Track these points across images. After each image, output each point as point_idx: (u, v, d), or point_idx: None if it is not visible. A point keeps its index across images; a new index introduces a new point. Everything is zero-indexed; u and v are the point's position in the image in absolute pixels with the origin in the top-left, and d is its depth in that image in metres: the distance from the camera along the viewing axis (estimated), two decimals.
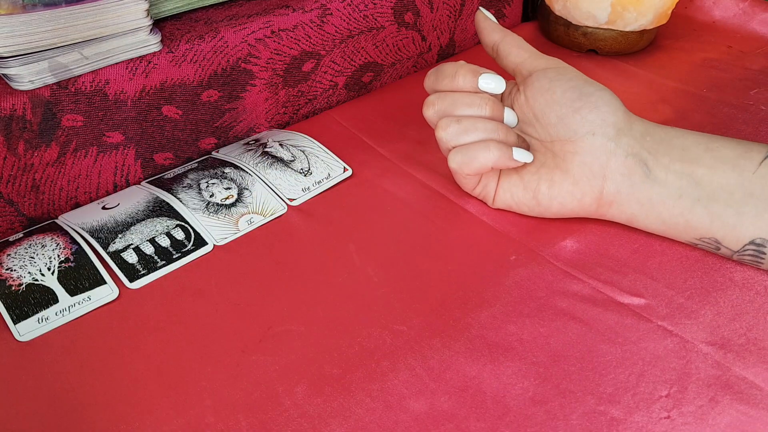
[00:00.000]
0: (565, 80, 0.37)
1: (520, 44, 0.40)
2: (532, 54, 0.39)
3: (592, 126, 0.36)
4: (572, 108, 0.36)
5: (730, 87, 0.54)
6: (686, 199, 0.35)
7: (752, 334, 0.32)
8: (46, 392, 0.31)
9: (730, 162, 0.34)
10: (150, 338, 0.34)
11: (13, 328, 0.34)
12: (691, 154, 0.35)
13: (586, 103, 0.36)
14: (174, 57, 0.42)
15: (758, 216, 0.33)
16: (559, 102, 0.37)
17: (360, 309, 0.35)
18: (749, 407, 0.29)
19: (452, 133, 0.38)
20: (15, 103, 0.37)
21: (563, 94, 0.37)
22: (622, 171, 0.36)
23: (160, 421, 0.30)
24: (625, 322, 0.33)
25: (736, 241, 0.34)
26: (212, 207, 0.41)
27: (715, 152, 0.34)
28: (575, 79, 0.37)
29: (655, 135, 0.36)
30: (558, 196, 0.38)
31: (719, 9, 0.65)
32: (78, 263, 0.37)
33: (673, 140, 0.35)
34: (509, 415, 0.29)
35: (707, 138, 0.35)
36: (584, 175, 0.36)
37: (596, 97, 0.36)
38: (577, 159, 0.36)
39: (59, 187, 0.41)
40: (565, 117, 0.36)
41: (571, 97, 0.36)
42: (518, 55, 0.39)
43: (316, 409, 0.30)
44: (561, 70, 0.38)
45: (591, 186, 0.36)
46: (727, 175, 0.34)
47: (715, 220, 0.34)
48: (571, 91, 0.37)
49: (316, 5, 0.47)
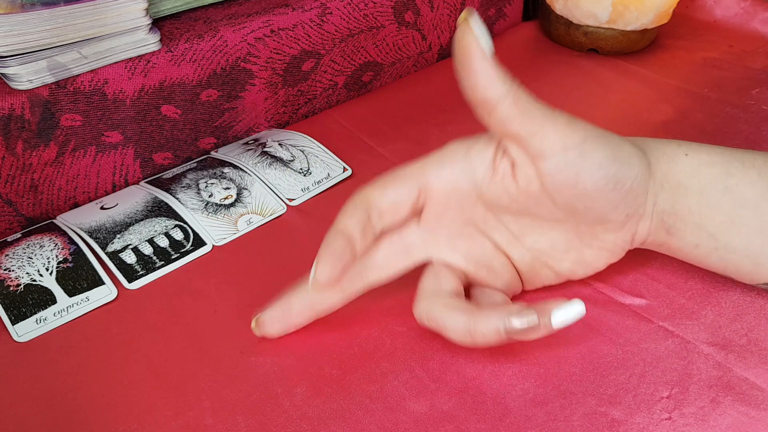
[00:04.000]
0: (594, 168, 0.29)
1: (526, 109, 0.28)
2: (539, 118, 0.29)
3: (626, 209, 0.31)
4: (607, 201, 0.30)
5: (731, 86, 0.54)
6: (702, 249, 0.32)
7: (753, 335, 0.32)
8: (44, 393, 0.31)
9: (750, 206, 0.30)
10: (148, 339, 0.34)
11: (11, 329, 0.34)
12: (708, 200, 0.31)
13: (621, 192, 0.30)
14: (173, 56, 0.42)
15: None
16: (591, 196, 0.30)
17: (359, 310, 0.35)
18: (750, 408, 0.29)
19: (428, 327, 0.31)
20: (13, 102, 0.37)
21: (595, 186, 0.29)
22: (649, 230, 0.32)
23: (158, 422, 0.30)
24: (625, 323, 0.33)
25: (751, 281, 0.33)
26: (211, 207, 0.41)
27: (734, 192, 0.30)
28: (604, 163, 0.29)
29: (672, 180, 0.31)
30: (596, 270, 0.34)
31: (720, 8, 0.64)
32: (76, 264, 0.37)
33: (690, 182, 0.31)
34: (509, 417, 0.29)
35: (725, 170, 0.31)
36: (617, 246, 0.33)
37: (630, 178, 0.30)
38: (609, 237, 0.32)
39: (58, 187, 0.41)
40: (600, 209, 0.30)
41: (606, 189, 0.29)
42: (523, 128, 0.29)
43: (316, 410, 0.30)
44: (585, 148, 0.29)
45: (623, 250, 0.33)
46: (746, 222, 0.30)
47: (730, 267, 0.32)
48: (604, 182, 0.29)
49: (315, 4, 0.47)
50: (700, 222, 0.31)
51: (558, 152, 0.29)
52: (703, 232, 0.31)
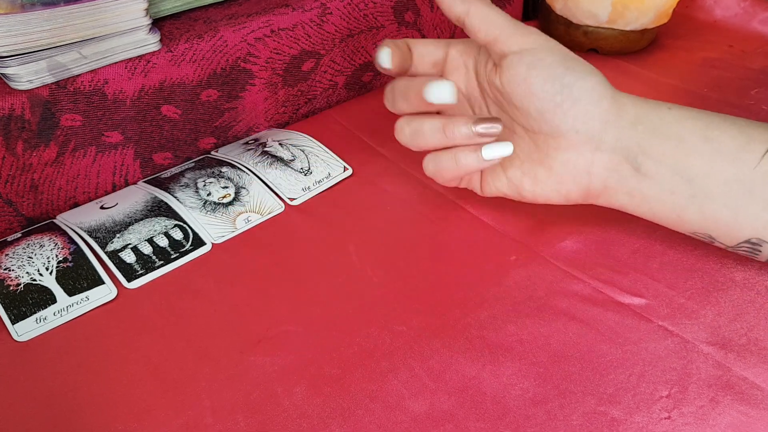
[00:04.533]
0: (543, 68, 0.33)
1: (489, 17, 0.34)
2: (505, 29, 0.34)
3: (574, 122, 0.33)
4: (552, 103, 0.33)
5: (731, 86, 0.54)
6: (679, 196, 0.32)
7: (753, 335, 0.32)
8: (44, 392, 0.31)
9: (729, 155, 0.31)
10: (148, 338, 0.34)
11: (11, 328, 0.34)
12: (687, 146, 0.32)
13: (566, 97, 0.33)
14: (173, 56, 0.42)
15: (756, 217, 0.31)
16: (537, 95, 0.33)
17: (359, 309, 0.35)
18: (750, 407, 0.29)
19: (406, 138, 0.38)
20: (13, 102, 0.37)
21: (542, 86, 0.33)
22: (608, 166, 0.33)
23: (158, 422, 0.30)
24: (625, 323, 0.33)
25: (731, 238, 0.33)
26: (209, 206, 0.41)
27: (713, 143, 0.31)
28: (554, 66, 0.33)
29: (649, 122, 0.33)
30: (542, 193, 0.36)
31: (720, 8, 0.64)
32: (76, 263, 0.37)
33: (668, 128, 0.32)
34: (509, 416, 0.29)
35: (706, 123, 0.32)
36: (568, 172, 0.34)
37: (578, 88, 0.33)
38: (560, 156, 0.34)
39: (58, 187, 0.41)
40: (546, 112, 0.33)
41: (550, 90, 0.33)
42: (489, 33, 0.34)
43: (315, 409, 0.30)
44: (538, 52, 0.33)
45: (576, 183, 0.35)
46: (724, 171, 0.31)
47: (709, 219, 0.32)
48: (550, 82, 0.33)
49: (315, 4, 0.47)
50: (676, 165, 0.32)
51: (514, 51, 0.34)
52: (680, 177, 0.32)
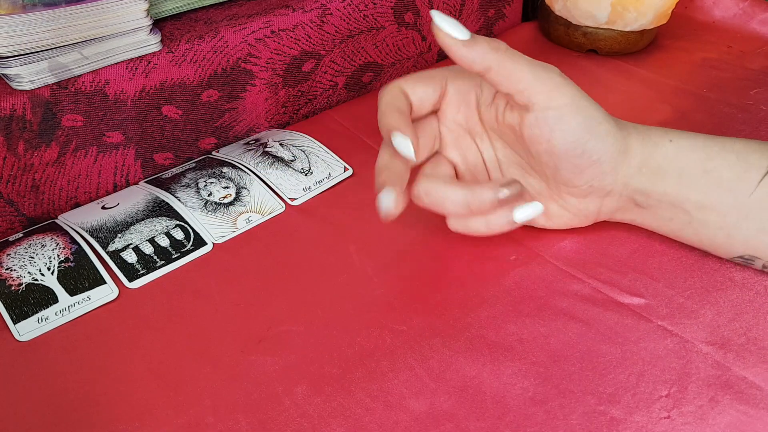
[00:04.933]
0: (568, 132, 0.32)
1: (512, 74, 0.32)
2: (529, 85, 0.32)
3: (590, 179, 0.34)
4: (572, 165, 0.33)
5: (730, 87, 0.54)
6: (677, 223, 0.34)
7: (752, 334, 0.32)
8: (45, 392, 0.31)
9: (726, 185, 0.32)
10: (149, 338, 0.34)
11: (12, 328, 0.34)
12: (686, 180, 0.33)
13: (586, 160, 0.33)
14: (174, 57, 0.42)
15: (749, 237, 0.33)
16: (559, 156, 0.33)
17: (360, 309, 0.35)
18: (749, 407, 0.29)
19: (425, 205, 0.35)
20: (15, 103, 0.37)
21: (564, 148, 0.33)
22: (615, 206, 0.36)
23: (159, 421, 0.30)
24: (625, 322, 0.33)
25: (725, 254, 0.35)
26: (210, 206, 0.41)
27: (712, 174, 0.33)
28: (578, 131, 0.32)
29: (653, 162, 0.34)
30: (555, 226, 0.38)
31: (719, 9, 0.65)
32: (78, 263, 0.37)
33: (669, 164, 0.33)
34: (509, 415, 0.29)
35: (705, 155, 0.33)
36: (581, 212, 0.36)
37: (597, 152, 0.33)
38: (572, 200, 0.35)
39: (59, 187, 0.41)
40: (564, 170, 0.34)
41: (571, 153, 0.33)
42: (511, 89, 0.32)
43: (316, 409, 0.30)
44: (564, 113, 0.32)
45: (587, 218, 0.37)
46: (721, 201, 0.33)
47: (705, 240, 0.34)
48: (572, 146, 0.33)
49: (316, 5, 0.47)
50: (676, 200, 0.34)
51: (539, 109, 0.32)
52: (678, 209, 0.34)
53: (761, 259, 0.34)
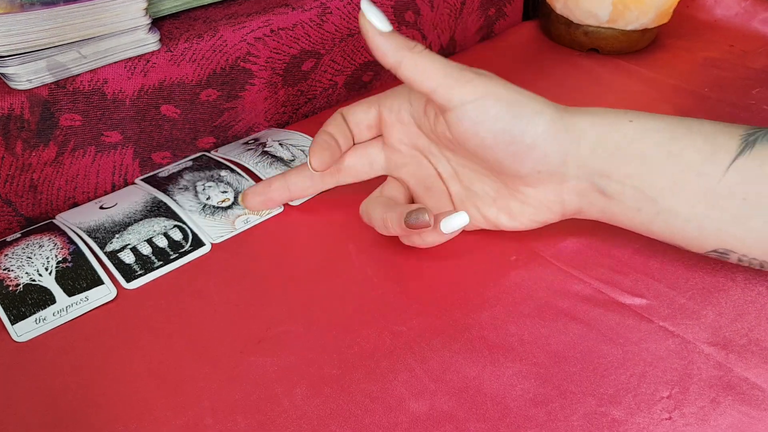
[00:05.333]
0: (490, 122, 0.32)
1: (422, 69, 0.32)
2: (441, 81, 0.32)
3: (534, 165, 0.33)
4: (508, 153, 0.32)
5: (731, 86, 0.53)
6: (645, 214, 0.33)
7: (754, 335, 0.32)
8: (43, 393, 0.31)
9: (693, 169, 0.31)
10: (148, 339, 0.34)
11: (10, 329, 0.34)
12: (650, 164, 0.31)
13: (520, 146, 0.32)
14: (173, 56, 0.42)
15: (720, 230, 0.31)
16: (491, 147, 0.33)
17: (359, 309, 0.35)
18: (751, 408, 0.29)
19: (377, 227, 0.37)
20: (13, 102, 0.37)
21: (493, 139, 0.32)
22: (577, 192, 0.34)
23: (158, 422, 0.30)
24: (626, 323, 0.33)
25: (699, 248, 0.33)
26: (208, 209, 0.41)
27: (677, 158, 0.31)
28: (500, 118, 0.32)
29: (609, 142, 0.32)
30: (521, 225, 0.36)
31: (721, 8, 0.64)
32: (76, 263, 0.37)
33: (629, 146, 0.32)
34: (510, 416, 0.29)
35: (670, 135, 0.31)
36: (542, 204, 0.35)
37: (530, 135, 0.32)
38: (529, 191, 0.34)
39: (57, 187, 0.41)
40: (503, 161, 0.33)
41: (502, 142, 0.32)
42: (424, 86, 0.32)
43: (315, 410, 0.30)
44: (481, 103, 0.32)
45: (551, 211, 0.35)
46: (688, 187, 0.31)
47: (676, 233, 0.33)
48: (500, 135, 0.32)
49: (315, 4, 0.47)
50: (641, 186, 0.32)
51: (456, 105, 0.32)
52: (644, 196, 0.32)
53: (735, 252, 0.32)
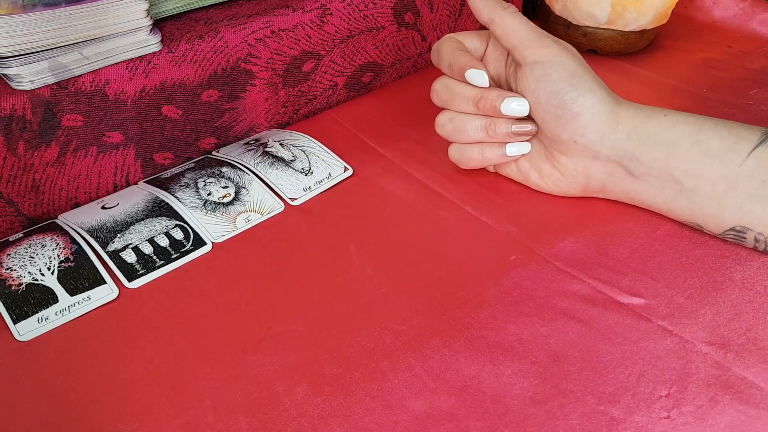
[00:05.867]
0: (549, 83, 0.37)
1: (511, 28, 0.38)
2: (524, 40, 0.37)
3: (573, 133, 0.37)
4: (554, 116, 0.37)
5: (730, 87, 0.54)
6: (668, 191, 0.36)
7: (752, 334, 0.32)
8: (45, 392, 0.31)
9: (717, 156, 0.34)
10: (149, 338, 0.34)
11: (12, 328, 0.34)
12: (678, 150, 0.35)
13: (566, 112, 0.36)
14: (174, 57, 0.42)
15: (739, 208, 0.34)
16: (542, 107, 0.37)
17: (359, 309, 0.35)
18: (749, 407, 0.29)
19: (447, 132, 0.41)
20: (15, 103, 0.37)
21: (547, 100, 0.37)
22: (605, 170, 0.38)
23: (159, 421, 0.30)
24: (624, 322, 0.33)
25: (717, 227, 0.36)
26: (210, 205, 0.41)
27: (703, 145, 0.34)
28: (559, 82, 0.37)
29: (642, 131, 0.36)
30: (546, 186, 0.41)
31: (719, 9, 0.65)
32: (78, 263, 0.37)
33: (660, 136, 0.35)
34: (509, 415, 0.29)
35: (698, 127, 0.35)
36: (569, 173, 0.39)
37: (579, 105, 0.36)
38: (562, 158, 0.39)
39: (59, 187, 0.41)
40: (549, 122, 0.37)
41: (553, 104, 0.37)
42: (508, 42, 0.38)
43: (316, 408, 0.30)
44: (548, 66, 0.37)
45: (576, 182, 0.39)
46: (712, 169, 0.34)
47: (696, 210, 0.36)
48: (553, 97, 0.37)
49: (316, 5, 0.47)
50: (667, 168, 0.35)
51: (528, 63, 0.37)
52: (669, 177, 0.35)
53: (752, 230, 0.35)
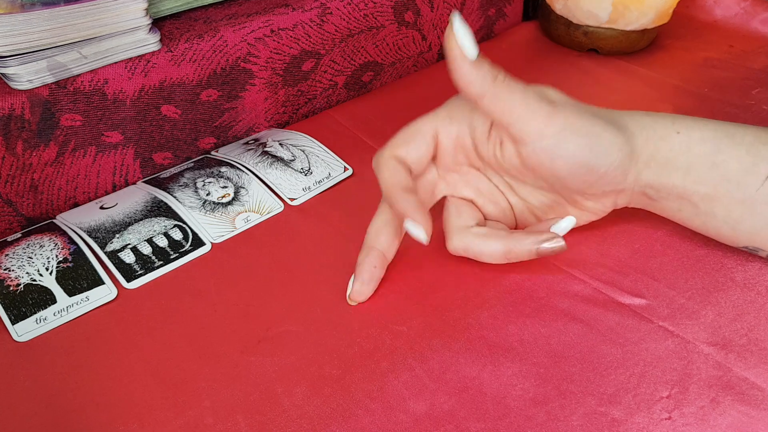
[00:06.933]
0: (568, 157, 0.32)
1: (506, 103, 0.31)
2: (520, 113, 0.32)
3: (602, 187, 0.34)
4: (581, 181, 0.33)
5: (731, 86, 0.53)
6: (685, 213, 0.35)
7: (753, 335, 0.32)
8: (44, 393, 0.31)
9: (734, 180, 0.32)
10: (148, 339, 0.34)
11: (11, 329, 0.34)
12: (694, 174, 0.33)
13: (596, 176, 0.33)
14: (173, 56, 0.42)
15: (755, 233, 0.33)
16: (566, 179, 0.33)
17: (359, 309, 0.35)
18: (750, 408, 0.29)
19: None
20: (13, 102, 0.37)
21: (569, 171, 0.33)
22: (627, 200, 0.36)
23: (158, 422, 0.30)
24: (626, 323, 0.33)
25: (732, 244, 0.35)
26: (209, 205, 0.41)
27: (720, 168, 0.33)
28: (579, 154, 0.32)
29: (659, 157, 0.33)
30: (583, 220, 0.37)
31: (720, 8, 0.64)
32: (76, 263, 0.37)
33: (677, 158, 0.33)
34: (509, 416, 0.29)
35: (714, 147, 0.33)
36: (597, 210, 0.36)
37: (604, 166, 0.33)
38: (587, 203, 0.36)
39: (58, 187, 0.41)
40: (575, 186, 0.34)
41: (579, 173, 0.33)
42: (503, 119, 0.32)
43: (316, 409, 0.30)
44: (559, 139, 0.32)
45: (603, 212, 0.37)
46: (728, 195, 0.33)
47: (711, 230, 0.35)
48: (577, 167, 0.33)
49: (315, 4, 0.47)
50: (684, 194, 0.34)
51: (534, 140, 0.32)
52: (686, 201, 0.34)
53: (765, 250, 0.34)
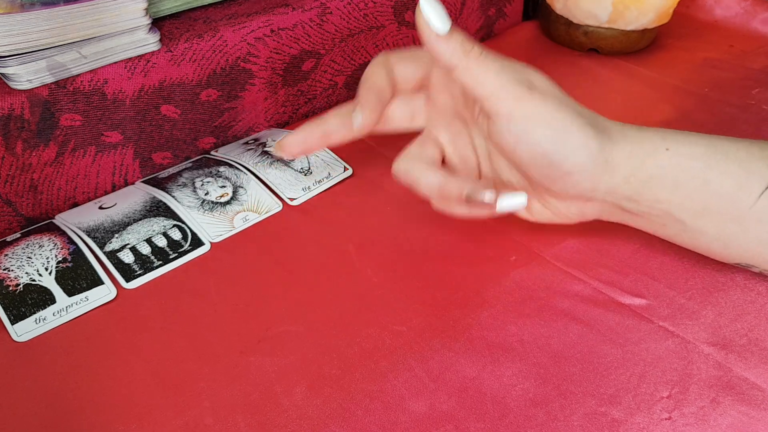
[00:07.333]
0: (531, 143, 0.31)
1: (475, 77, 0.31)
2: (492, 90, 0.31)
3: (564, 187, 0.32)
4: (542, 175, 0.32)
5: (731, 86, 0.53)
6: (671, 229, 0.33)
7: (754, 335, 0.32)
8: (43, 393, 0.31)
9: (726, 197, 0.31)
10: (148, 339, 0.34)
11: (10, 329, 0.34)
12: (683, 191, 0.31)
13: (555, 170, 0.31)
14: (173, 56, 0.42)
15: (746, 249, 0.32)
16: (527, 166, 0.32)
17: (359, 309, 0.35)
18: (751, 408, 0.29)
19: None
20: (13, 102, 0.37)
21: (531, 159, 0.32)
22: (600, 210, 0.34)
23: (158, 422, 0.30)
24: (626, 323, 0.33)
25: (723, 260, 0.34)
26: (207, 205, 0.41)
27: (712, 185, 0.31)
28: (542, 143, 0.31)
29: (642, 174, 0.31)
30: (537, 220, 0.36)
31: (721, 8, 0.64)
32: (76, 263, 0.37)
33: (663, 175, 0.31)
34: (509, 416, 0.29)
35: (706, 164, 0.31)
36: (561, 213, 0.35)
37: (570, 164, 0.31)
38: (552, 201, 0.34)
39: (57, 187, 0.41)
40: (536, 176, 0.33)
41: (540, 165, 0.32)
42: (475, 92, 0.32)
43: (315, 409, 0.30)
44: (527, 123, 0.31)
45: (569, 218, 0.35)
46: (720, 212, 0.31)
47: (701, 247, 0.33)
48: (539, 157, 0.31)
49: (315, 4, 0.47)
50: (669, 209, 0.32)
51: (502, 120, 0.32)
52: (672, 217, 0.32)
53: (757, 267, 0.33)
